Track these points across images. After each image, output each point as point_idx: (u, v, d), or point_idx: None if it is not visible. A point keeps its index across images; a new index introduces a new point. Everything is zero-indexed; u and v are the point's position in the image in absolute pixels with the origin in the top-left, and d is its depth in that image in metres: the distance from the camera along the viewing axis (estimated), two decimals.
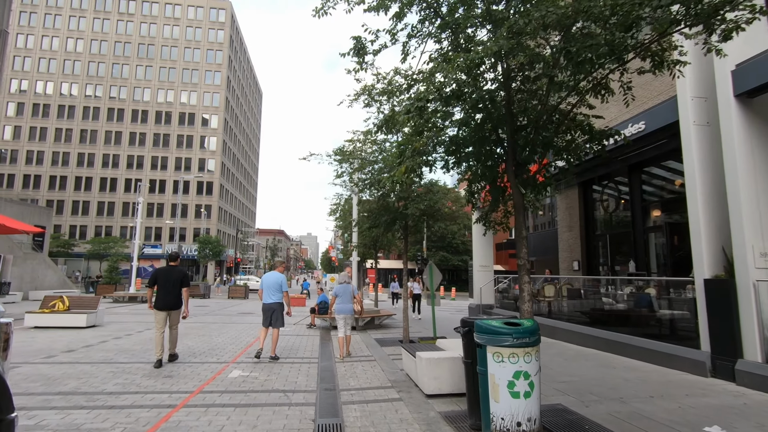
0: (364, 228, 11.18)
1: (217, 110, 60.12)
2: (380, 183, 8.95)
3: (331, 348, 9.23)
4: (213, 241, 45.61)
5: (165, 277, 7.19)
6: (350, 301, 8.37)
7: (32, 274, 24.33)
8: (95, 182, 56.37)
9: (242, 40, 71.53)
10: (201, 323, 13.29)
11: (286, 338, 10.48)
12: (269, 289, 7.77)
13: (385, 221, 10.20)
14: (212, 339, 10.08)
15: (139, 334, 10.66)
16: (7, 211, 25.85)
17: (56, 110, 56.79)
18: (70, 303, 12.06)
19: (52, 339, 9.53)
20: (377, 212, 10.46)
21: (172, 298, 7.23)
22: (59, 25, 58.18)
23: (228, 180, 64.12)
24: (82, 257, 50.01)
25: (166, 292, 7.15)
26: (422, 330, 12.72)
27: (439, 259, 53.06)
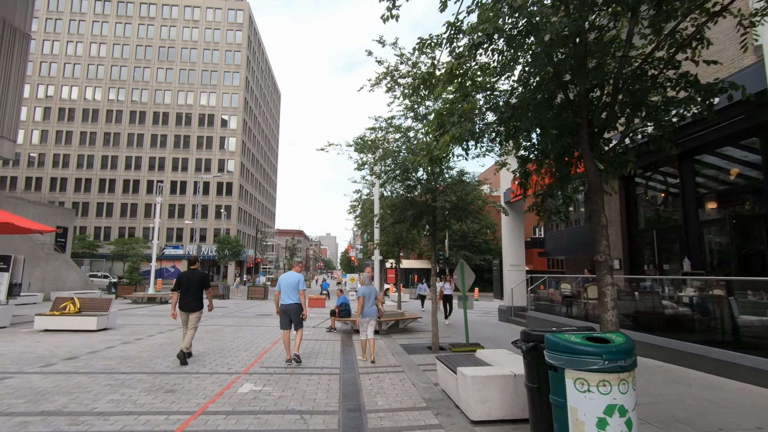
0: (388, 224, 10.26)
1: (236, 111, 60.27)
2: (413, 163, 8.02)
3: (354, 355, 8.35)
4: (232, 241, 45.50)
5: (187, 280, 7.47)
6: (374, 303, 7.98)
7: (54, 275, 24.36)
8: (118, 184, 57.22)
9: (260, 41, 71.69)
10: (216, 326, 12.63)
11: (305, 343, 9.66)
12: (288, 289, 7.38)
13: (411, 216, 9.27)
14: (225, 344, 9.34)
15: (150, 338, 10.03)
16: (31, 212, 26.02)
17: (81, 114, 57.92)
18: (82, 305, 11.55)
19: (57, 344, 8.96)
20: (402, 207, 9.54)
21: (192, 300, 7.46)
22: (83, 30, 59.33)
23: (247, 180, 64.27)
24: (107, 258, 50.78)
25: (187, 294, 7.45)
26: (451, 335, 11.72)
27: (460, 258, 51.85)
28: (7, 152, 28.60)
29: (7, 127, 28.07)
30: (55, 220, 27.70)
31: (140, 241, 46.60)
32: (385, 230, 12.78)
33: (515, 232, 15.12)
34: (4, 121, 27.88)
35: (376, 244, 11.80)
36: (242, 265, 61.39)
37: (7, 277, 11.36)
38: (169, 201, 57.08)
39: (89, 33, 59.36)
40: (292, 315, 7.31)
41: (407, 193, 9.81)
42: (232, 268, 57.58)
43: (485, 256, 53.23)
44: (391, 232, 12.12)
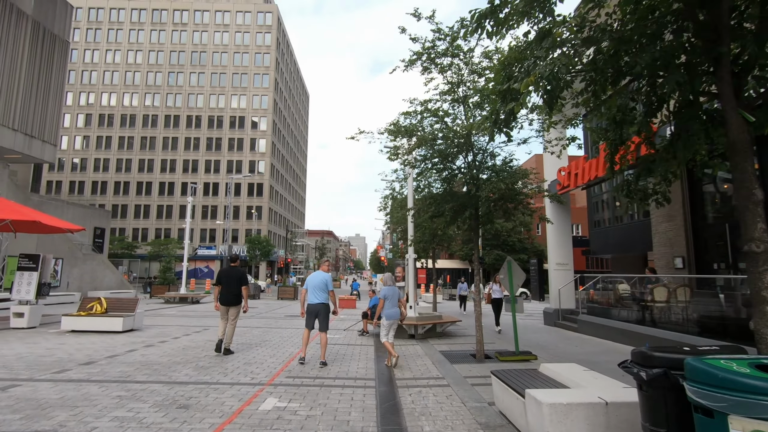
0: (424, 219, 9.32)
1: (266, 112, 60.80)
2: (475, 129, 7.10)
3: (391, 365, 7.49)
4: (262, 240, 45.72)
5: (227, 276, 7.97)
6: (397, 305, 7.57)
7: (92, 275, 24.83)
8: (155, 186, 58.86)
9: (288, 43, 72.22)
10: (244, 327, 12.08)
11: (334, 348, 8.89)
12: (315, 288, 7.33)
13: (450, 209, 8.32)
14: (251, 349, 8.69)
15: (174, 341, 9.52)
16: (70, 213, 26.68)
17: (119, 120, 59.98)
18: (108, 305, 11.25)
19: (79, 346, 8.56)
20: (441, 199, 8.60)
21: (232, 296, 7.93)
22: (121, 38, 61.45)
23: (277, 181, 64.77)
24: (144, 258, 52.25)
25: (227, 289, 7.92)
26: (495, 341, 10.66)
27: (494, 258, 50.01)
28: (48, 156, 29.55)
29: (48, 132, 29.01)
30: (93, 221, 28.33)
31: (175, 242, 47.58)
32: (420, 227, 11.88)
33: (561, 228, 13.85)
34: (46, 127, 28.81)
35: (411, 241, 10.88)
36: (273, 266, 61.87)
37: (36, 277, 11.20)
38: (202, 202, 58.21)
39: (126, 41, 61.41)
40: (319, 315, 7.20)
41: (445, 184, 8.87)
42: (264, 268, 58.04)
43: (520, 255, 51.22)
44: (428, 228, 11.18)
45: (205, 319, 14.45)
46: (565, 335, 11.55)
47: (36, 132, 27.55)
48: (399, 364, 7.41)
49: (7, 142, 25.94)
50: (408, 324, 10.70)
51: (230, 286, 7.89)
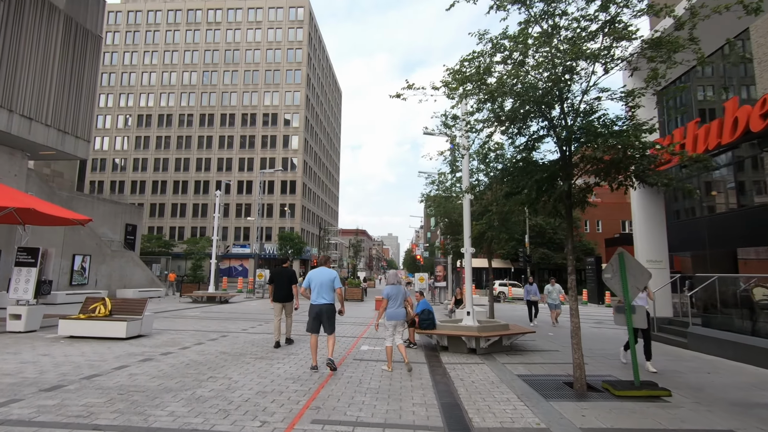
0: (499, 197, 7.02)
1: (299, 108, 59.87)
2: (581, 54, 4.88)
3: (459, 401, 5.31)
4: (294, 237, 44.44)
5: (279, 276, 8.70)
6: (402, 305, 7.02)
7: (120, 272, 24.05)
8: (190, 185, 59.20)
9: (320, 38, 71.18)
10: (268, 335, 10.23)
11: (375, 367, 6.80)
12: (320, 287, 6.63)
13: (535, 183, 6.02)
14: (270, 369, 6.74)
15: (181, 352, 7.74)
16: (101, 209, 26.11)
17: (156, 120, 60.77)
18: (113, 307, 9.70)
19: (63, 359, 6.91)
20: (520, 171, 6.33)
21: (285, 293, 8.67)
22: (158, 40, 62.29)
23: (310, 178, 63.77)
24: (180, 257, 52.39)
25: (280, 288, 8.62)
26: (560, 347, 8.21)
27: (539, 257, 46.62)
28: (81, 152, 29.21)
29: (81, 128, 28.65)
30: (124, 217, 27.74)
31: (208, 240, 47.22)
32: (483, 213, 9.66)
33: (653, 217, 11.17)
34: (79, 122, 28.50)
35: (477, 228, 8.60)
36: (306, 264, 60.88)
37: (35, 273, 9.80)
38: (236, 200, 57.99)
39: (163, 42, 62.18)
40: (324, 317, 6.59)
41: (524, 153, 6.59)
42: (297, 267, 57.06)
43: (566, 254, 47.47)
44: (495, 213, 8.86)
45: (228, 322, 12.78)
46: (674, 353, 8.95)
47: (69, 128, 27.21)
48: (473, 401, 5.23)
49: (41, 137, 25.63)
50: (468, 335, 8.47)
51: (282, 284, 8.63)
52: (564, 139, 5.97)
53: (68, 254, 20.14)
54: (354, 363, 7.32)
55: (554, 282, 13.06)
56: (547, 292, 12.92)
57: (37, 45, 25.32)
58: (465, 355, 8.36)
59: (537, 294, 13.00)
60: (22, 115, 24.57)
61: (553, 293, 12.82)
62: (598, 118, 5.80)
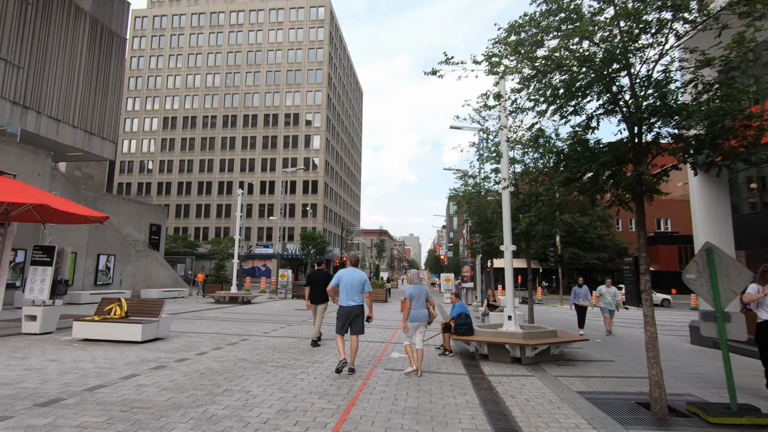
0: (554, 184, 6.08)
1: (320, 108, 59.65)
2: None
3: (515, 423, 4.43)
4: (316, 237, 44.01)
5: (315, 278, 9.00)
6: (424, 306, 6.75)
7: (145, 272, 24.02)
8: (214, 186, 59.79)
9: (341, 38, 70.88)
10: (290, 339, 9.55)
11: (409, 382, 5.97)
12: (351, 289, 6.46)
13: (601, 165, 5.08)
14: (293, 380, 6.01)
15: (198, 358, 7.11)
16: (126, 209, 26.22)
17: (181, 122, 61.68)
18: (129, 308, 9.20)
19: (72, 365, 6.38)
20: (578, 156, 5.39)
21: (321, 294, 8.84)
22: (182, 43, 63.24)
23: (332, 178, 63.50)
24: (205, 257, 52.85)
25: (317, 289, 8.83)
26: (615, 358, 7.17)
27: (569, 257, 44.75)
28: (108, 153, 29.54)
29: (107, 129, 28.95)
30: (149, 217, 27.81)
31: (231, 240, 47.39)
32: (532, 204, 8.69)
33: (717, 209, 9.95)
34: (105, 123, 28.78)
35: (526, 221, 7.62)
36: (329, 264, 60.55)
37: (51, 273, 9.40)
38: (258, 201, 58.21)
39: (187, 45, 63.08)
40: (355, 319, 6.45)
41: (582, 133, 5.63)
42: None
43: (599, 253, 45.43)
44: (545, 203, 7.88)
45: (249, 324, 12.19)
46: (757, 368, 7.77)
47: (95, 129, 27.51)
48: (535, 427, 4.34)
49: (68, 139, 25.96)
50: (512, 343, 7.55)
51: (318, 286, 8.82)
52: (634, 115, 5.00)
53: (93, 254, 20.12)
54: (386, 374, 6.52)
55: (609, 283, 11.65)
56: (600, 295, 11.53)
57: (63, 47, 25.64)
58: (509, 366, 7.44)
59: (587, 297, 11.65)
60: (50, 117, 24.91)
61: (606, 296, 11.38)
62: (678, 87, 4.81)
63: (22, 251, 15.59)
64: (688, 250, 43.72)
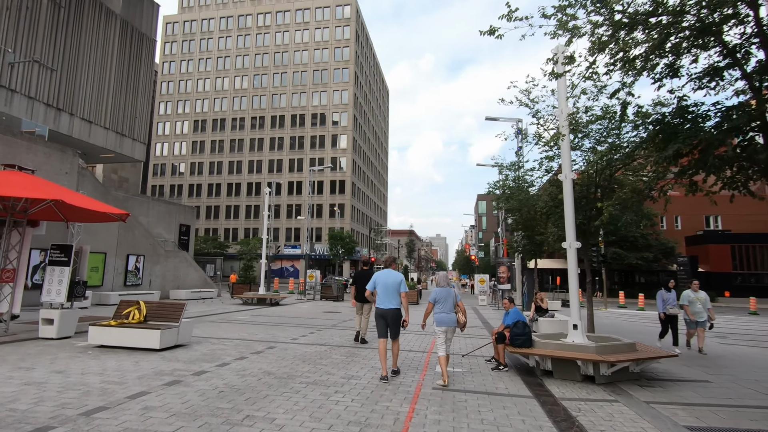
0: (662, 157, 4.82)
1: (347, 107, 59.11)
2: None
3: None
4: (344, 237, 43.29)
5: (362, 278, 9.25)
6: (453, 310, 6.20)
7: (174, 273, 23.82)
8: (243, 187, 60.23)
9: (368, 36, 70.20)
10: (320, 346, 8.60)
11: (460, 399, 4.86)
12: (386, 290, 6.24)
13: (728, 131, 3.83)
14: (326, 403, 5.01)
15: (219, 371, 6.24)
16: (155, 209, 26.18)
17: (211, 125, 62.50)
18: (148, 312, 8.49)
19: (78, 378, 5.62)
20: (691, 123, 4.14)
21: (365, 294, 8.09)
22: (211, 47, 64.14)
23: (359, 178, 62.85)
24: (234, 258, 53.19)
25: (363, 289, 8.48)
26: (730, 390, 5.78)
27: (611, 257, 42.13)
28: (139, 154, 29.72)
29: (138, 130, 29.12)
30: (178, 217, 27.75)
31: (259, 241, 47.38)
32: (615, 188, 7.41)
33: None
34: (135, 124, 28.96)
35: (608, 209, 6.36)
36: (356, 265, 59.93)
37: (68, 273, 8.82)
38: (286, 201, 58.20)
39: (216, 49, 63.92)
40: (390, 321, 6.25)
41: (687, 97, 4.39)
42: (347, 268, 56.23)
43: (643, 253, 42.55)
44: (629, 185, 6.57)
45: (276, 329, 11.35)
46: None
47: (126, 130, 27.69)
48: None
49: (100, 140, 26.18)
50: (584, 358, 6.31)
51: (364, 285, 8.53)
52: None
53: (122, 254, 19.95)
54: (435, 394, 5.44)
55: (697, 286, 9.32)
56: (688, 302, 9.14)
57: (95, 49, 25.84)
58: (581, 386, 6.21)
59: (674, 304, 9.30)
60: (83, 119, 25.14)
61: (696, 303, 9.10)
62: None
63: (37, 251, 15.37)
64: (743, 250, 40.37)
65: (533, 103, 10.32)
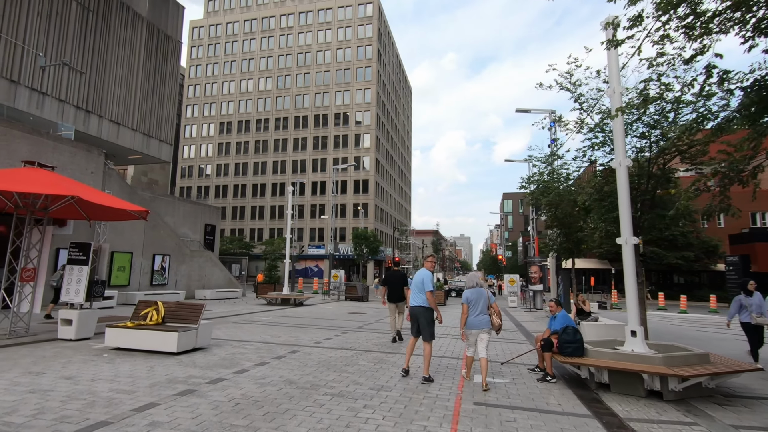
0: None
1: (369, 106, 58.67)
2: None
3: None
4: (369, 236, 42.72)
5: (392, 278, 9.63)
6: (485, 312, 6.04)
7: (199, 272, 23.83)
8: (268, 188, 60.66)
9: (390, 34, 69.58)
10: (346, 351, 7.99)
11: (520, 419, 4.14)
12: (414, 288, 6.32)
13: None
14: (354, 421, 4.38)
15: (238, 379, 5.71)
16: (181, 209, 26.33)
17: (236, 126, 63.26)
18: (166, 313, 8.09)
19: (87, 385, 5.19)
20: None
21: (398, 294, 9.47)
22: (236, 50, 64.94)
23: (382, 177, 62.30)
24: (259, 258, 53.56)
25: (394, 289, 9.46)
26: None
27: (648, 256, 40.04)
28: (165, 155, 30.04)
29: (164, 131, 29.41)
30: (204, 217, 27.86)
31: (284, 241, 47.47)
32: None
33: None
34: (162, 125, 29.28)
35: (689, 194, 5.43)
36: (380, 265, 59.40)
37: (87, 272, 8.54)
38: (310, 201, 58.23)
39: (240, 51, 64.68)
40: (419, 320, 6.14)
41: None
42: (371, 268, 55.77)
43: (683, 252, 40.20)
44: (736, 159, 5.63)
45: (300, 331, 10.84)
46: None
47: (153, 131, 27.99)
48: None
49: (127, 141, 26.52)
50: (651, 372, 5.45)
51: (395, 286, 9.34)
52: None
53: (148, 254, 20.00)
54: (478, 413, 4.73)
55: (754, 287, 8.16)
56: None
57: (122, 52, 26.19)
58: (648, 403, 5.36)
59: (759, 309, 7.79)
60: (111, 120, 25.49)
61: None
62: None
63: None
64: None
65: (575, 87, 9.45)
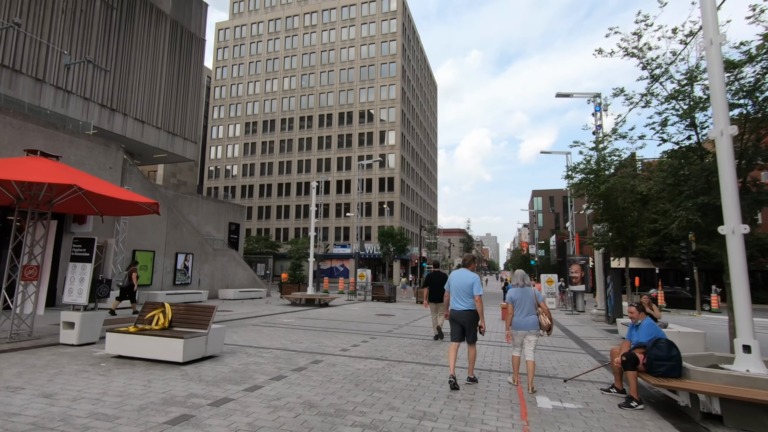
0: None
1: (394, 102, 57.53)
2: None
3: None
4: (396, 234, 41.52)
5: (434, 279, 9.62)
6: (533, 312, 5.70)
7: (223, 271, 23.29)
8: (293, 187, 60.44)
9: (414, 29, 68.22)
10: (376, 362, 6.86)
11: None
12: (458, 291, 5.84)
13: None
14: None
15: (247, 400, 4.67)
16: (204, 208, 25.91)
17: (261, 126, 63.39)
18: (174, 316, 7.18)
19: (65, 406, 4.26)
20: None
21: (441, 294, 9.21)
22: (260, 50, 65.11)
23: (408, 175, 61.03)
24: (285, 257, 53.32)
25: (436, 290, 9.39)
26: None
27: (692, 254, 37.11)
28: (190, 153, 29.78)
29: (189, 130, 29.17)
30: (227, 216, 27.41)
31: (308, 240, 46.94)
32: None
33: None
34: (186, 124, 29.03)
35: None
36: (407, 264, 58.17)
37: (90, 270, 7.74)
38: (335, 200, 57.60)
39: (265, 51, 64.80)
40: (465, 325, 5.74)
41: None
42: (397, 267, 54.59)
43: None
44: None
45: (324, 336, 9.78)
46: None
47: (177, 130, 27.75)
48: None
49: (152, 140, 26.32)
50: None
51: (437, 287, 9.36)
52: None
53: (171, 253, 19.52)
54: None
55: None
56: None
57: (146, 50, 25.99)
58: None
59: None
60: (135, 119, 25.30)
61: None
62: None
63: None
64: None
65: (642, 52, 8.00)
